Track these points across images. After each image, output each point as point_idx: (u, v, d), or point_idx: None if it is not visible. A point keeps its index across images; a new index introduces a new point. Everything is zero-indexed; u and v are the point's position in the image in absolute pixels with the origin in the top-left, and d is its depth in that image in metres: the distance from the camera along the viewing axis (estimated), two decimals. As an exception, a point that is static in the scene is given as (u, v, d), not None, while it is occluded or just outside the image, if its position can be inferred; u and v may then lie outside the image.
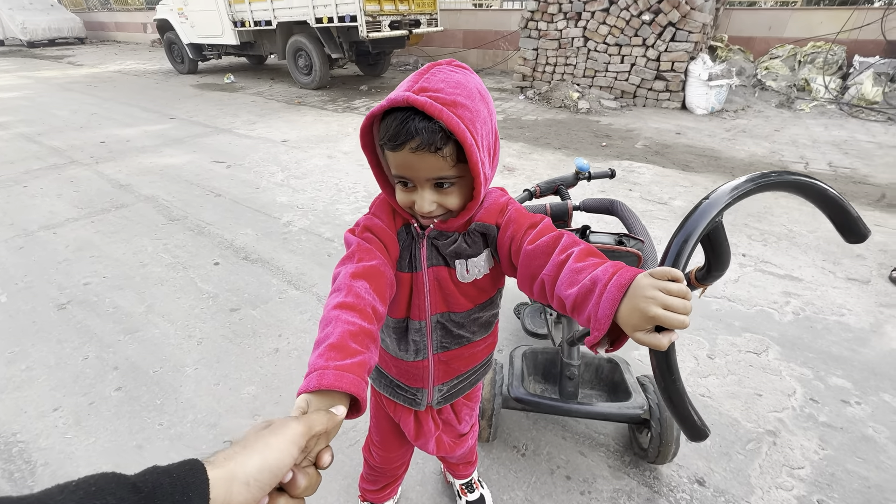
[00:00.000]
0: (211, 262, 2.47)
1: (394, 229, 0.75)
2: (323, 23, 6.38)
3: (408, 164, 0.65)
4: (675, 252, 0.54)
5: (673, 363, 0.52)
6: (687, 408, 0.53)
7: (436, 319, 0.81)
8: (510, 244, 0.72)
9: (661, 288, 0.47)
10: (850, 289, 2.19)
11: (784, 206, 3.04)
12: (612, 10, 5.43)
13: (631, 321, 0.48)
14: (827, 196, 0.57)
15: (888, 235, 2.66)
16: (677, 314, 0.46)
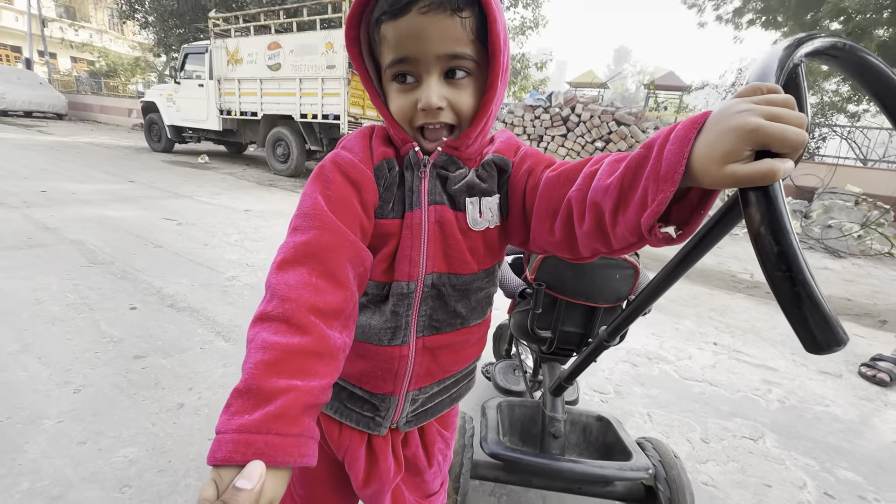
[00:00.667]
0: (126, 307, 2.07)
1: (370, 165, 0.57)
2: (307, 118, 6.80)
3: (414, 33, 0.50)
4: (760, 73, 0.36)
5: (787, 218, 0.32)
6: (815, 292, 0.31)
7: (431, 281, 0.59)
8: (527, 179, 0.57)
9: (760, 100, 0.33)
10: (825, 381, 2.11)
11: (742, 305, 3.10)
12: (569, 136, 6.17)
13: (719, 151, 0.33)
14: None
15: (843, 337, 2.71)
16: (789, 124, 0.31)
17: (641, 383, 1.90)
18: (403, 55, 0.51)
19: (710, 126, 0.34)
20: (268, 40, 6.93)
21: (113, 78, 20.81)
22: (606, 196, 0.43)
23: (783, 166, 0.31)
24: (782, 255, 0.31)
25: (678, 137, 0.36)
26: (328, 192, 0.51)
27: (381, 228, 0.57)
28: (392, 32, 0.51)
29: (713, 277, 3.80)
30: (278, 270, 0.45)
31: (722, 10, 13.35)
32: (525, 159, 0.59)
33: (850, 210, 5.72)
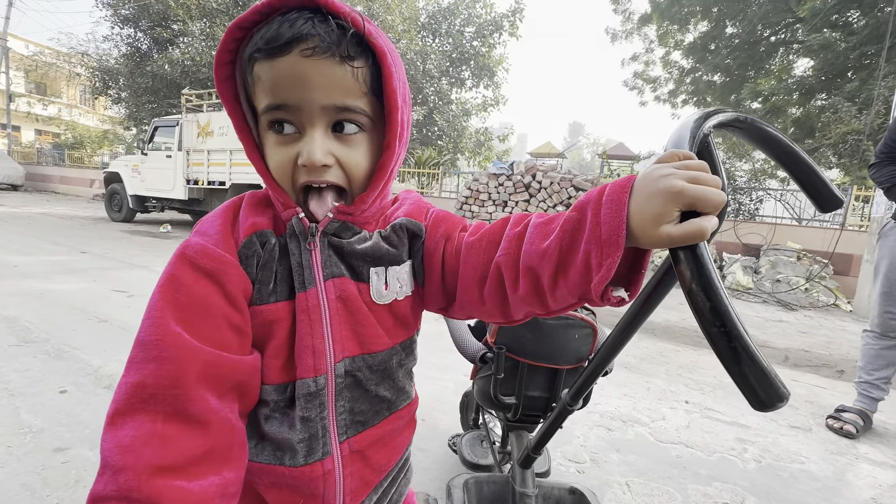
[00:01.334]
0: (56, 390, 1.86)
1: (231, 245, 0.47)
2: (276, 187, 6.87)
3: (295, 77, 0.43)
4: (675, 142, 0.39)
5: (714, 273, 0.33)
6: (751, 348, 0.32)
7: (343, 369, 0.50)
8: (445, 245, 0.52)
9: (679, 165, 0.35)
10: (797, 436, 2.10)
11: (709, 361, 3.14)
12: (532, 202, 6.48)
13: (651, 213, 0.34)
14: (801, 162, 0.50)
15: (807, 389, 2.75)
16: (709, 186, 0.33)
17: (617, 449, 1.83)
18: (282, 101, 0.44)
19: (639, 190, 0.36)
20: (240, 115, 7.16)
21: (78, 150, 20.66)
22: (544, 261, 0.42)
23: (709, 224, 0.33)
24: (715, 311, 0.32)
25: (612, 201, 0.37)
26: (176, 298, 0.42)
27: (262, 317, 0.48)
28: (268, 74, 0.44)
29: (678, 334, 3.87)
30: (110, 427, 0.37)
31: (659, 92, 15.09)
32: (439, 223, 0.55)
33: (794, 265, 6.12)
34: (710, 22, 12.43)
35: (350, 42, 0.43)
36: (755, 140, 0.47)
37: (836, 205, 0.48)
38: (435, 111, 14.98)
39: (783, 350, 3.63)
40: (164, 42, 12.73)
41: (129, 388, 0.39)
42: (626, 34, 14.32)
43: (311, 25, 0.41)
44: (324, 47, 0.42)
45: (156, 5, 12.08)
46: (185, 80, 11.75)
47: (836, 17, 9.70)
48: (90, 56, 15.00)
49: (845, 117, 7.14)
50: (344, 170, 0.47)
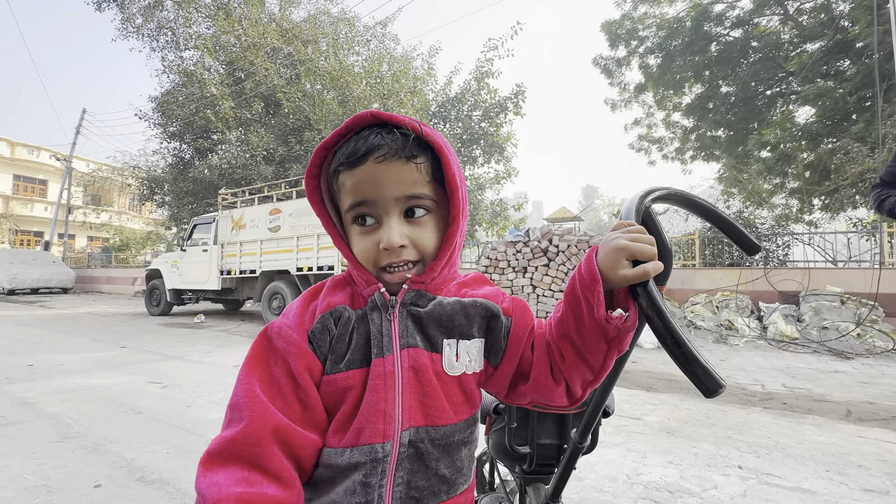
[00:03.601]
0: (91, 485, 1.89)
1: (302, 326, 0.55)
2: (303, 271, 7.18)
3: (371, 179, 0.53)
4: (624, 215, 0.55)
5: (660, 301, 0.46)
6: (689, 347, 0.43)
7: (409, 437, 0.53)
8: (531, 337, 0.59)
9: (622, 232, 0.50)
10: (873, 501, 1.87)
11: (760, 420, 2.90)
12: (551, 266, 6.51)
13: (609, 263, 0.49)
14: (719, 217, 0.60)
15: (878, 446, 2.48)
16: (643, 243, 0.48)
17: (667, 524, 1.67)
18: (362, 199, 0.54)
19: (601, 248, 0.51)
20: (269, 207, 7.75)
21: (124, 251, 22.31)
22: (566, 324, 0.53)
23: (650, 267, 0.47)
24: (665, 328, 0.45)
25: (587, 260, 0.51)
26: (256, 369, 0.52)
27: (335, 385, 0.53)
28: (350, 180, 0.54)
29: (724, 392, 3.62)
30: (205, 472, 0.45)
31: (665, 151, 15.54)
32: (524, 314, 0.60)
33: (838, 309, 5.77)
34: (703, 84, 13.11)
35: (412, 145, 0.53)
36: (686, 206, 0.61)
37: (756, 249, 0.62)
38: (450, 188, 15.72)
39: (844, 404, 3.32)
40: (204, 150, 14.25)
41: (223, 441, 0.47)
42: (624, 103, 15.18)
43: (380, 138, 0.52)
44: (392, 153, 0.52)
45: (199, 121, 13.74)
46: (222, 182, 12.92)
47: (825, 67, 10.12)
48: (140, 168, 16.85)
49: (858, 157, 7.15)
50: (417, 247, 0.56)
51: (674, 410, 3.10)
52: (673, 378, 4.10)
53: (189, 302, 9.32)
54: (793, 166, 11.31)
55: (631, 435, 2.60)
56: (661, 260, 0.73)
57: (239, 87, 13.82)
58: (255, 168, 12.65)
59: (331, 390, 0.54)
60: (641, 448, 2.39)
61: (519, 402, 0.61)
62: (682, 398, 3.45)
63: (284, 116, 13.31)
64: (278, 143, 13.16)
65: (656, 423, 2.83)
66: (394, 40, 17.31)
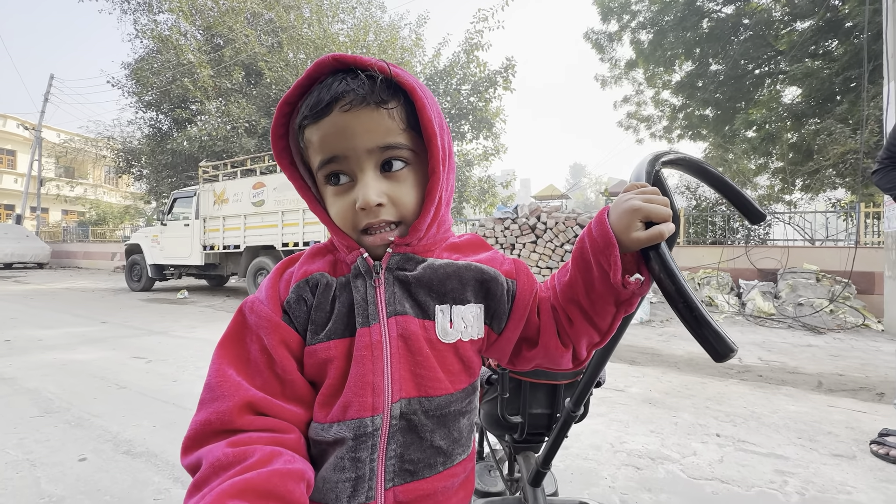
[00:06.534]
0: (75, 458, 1.87)
1: (278, 301, 0.52)
2: (289, 246, 7.08)
3: (339, 130, 0.47)
4: (635, 176, 0.53)
5: (673, 264, 0.45)
6: (701, 311, 0.42)
7: (399, 409, 0.50)
8: (536, 301, 0.56)
9: (637, 191, 0.48)
10: (840, 465, 1.97)
11: (737, 391, 3.01)
12: (539, 243, 6.54)
13: (622, 225, 0.47)
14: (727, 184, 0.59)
15: (846, 414, 2.61)
16: (658, 204, 0.47)
17: (648, 489, 1.74)
18: (332, 154, 0.49)
19: (613, 210, 0.49)
20: (253, 181, 7.54)
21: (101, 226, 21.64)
22: (575, 288, 0.51)
23: (665, 228, 0.46)
24: (678, 292, 0.43)
25: (597, 222, 0.48)
26: (230, 347, 0.51)
27: (316, 356, 0.50)
28: (316, 135, 0.48)
29: (702, 365, 3.74)
30: (185, 455, 0.45)
31: (654, 130, 15.55)
32: (528, 279, 0.57)
33: (814, 287, 5.97)
34: (693, 62, 13.03)
35: (380, 88, 0.47)
36: (694, 172, 0.60)
37: (761, 217, 0.61)
38: (438, 164, 15.55)
39: (815, 375, 3.47)
40: (182, 121, 13.70)
41: (198, 425, 0.46)
42: (614, 79, 15.02)
43: (345, 84, 0.46)
44: (358, 99, 0.46)
45: (176, 90, 13.14)
46: (203, 154, 12.50)
47: (813, 47, 10.13)
48: (115, 139, 16.16)
49: (840, 138, 7.26)
50: (396, 206, 0.50)
51: (655, 382, 3.19)
52: (654, 352, 4.21)
53: (171, 277, 9.14)
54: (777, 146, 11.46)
55: (615, 406, 2.67)
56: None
57: (218, 54, 13.21)
58: (237, 140, 12.25)
59: (313, 362, 0.51)
60: (625, 418, 2.47)
61: (523, 367, 0.59)
62: (663, 371, 3.55)
63: (266, 87, 12.83)
64: (260, 115, 12.72)
65: (639, 394, 2.91)
66: (380, 8, 16.68)
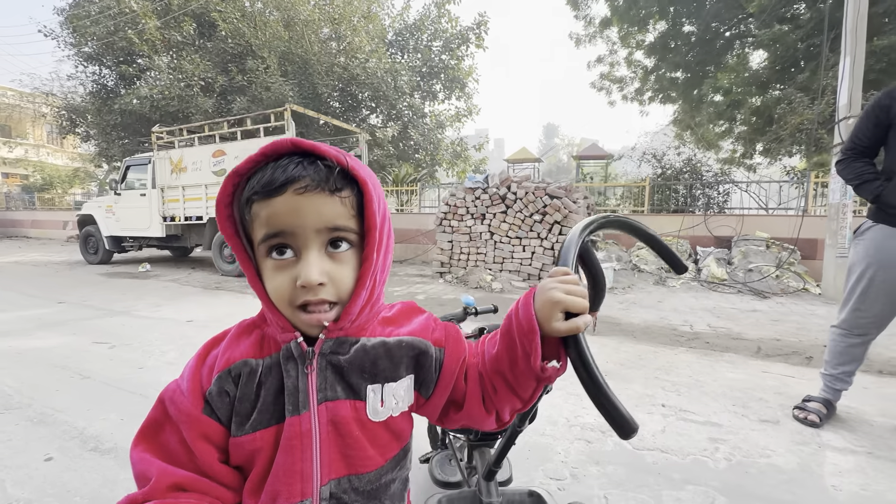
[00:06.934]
0: (41, 458, 1.87)
1: (200, 393, 0.53)
2: (254, 218, 6.86)
3: (290, 210, 0.48)
4: (562, 259, 0.57)
5: (588, 353, 0.52)
6: (610, 398, 0.49)
7: (329, 491, 0.52)
8: (464, 369, 0.60)
9: (558, 280, 0.52)
10: (766, 430, 2.21)
11: (685, 360, 3.26)
12: (509, 213, 6.61)
13: (544, 314, 0.51)
14: (654, 239, 0.66)
15: (777, 380, 2.89)
16: (576, 297, 0.51)
17: (597, 461, 1.91)
18: (279, 229, 0.49)
19: (538, 297, 0.52)
20: (213, 148, 7.16)
21: (48, 191, 20.20)
22: (501, 362, 0.55)
23: (581, 322, 0.50)
24: (591, 379, 0.50)
25: (524, 306, 0.52)
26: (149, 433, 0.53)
27: (243, 448, 0.52)
28: (265, 210, 0.49)
29: (656, 334, 4.00)
30: None
31: (626, 91, 15.53)
32: (457, 346, 0.60)
33: (763, 253, 6.36)
34: (667, 22, 12.88)
35: (337, 177, 0.49)
36: (622, 229, 0.66)
37: (684, 269, 0.70)
38: (409, 126, 15.13)
39: (756, 341, 3.78)
40: (130, 78, 12.64)
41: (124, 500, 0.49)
42: (589, 38, 14.72)
43: (301, 168, 0.48)
44: (314, 185, 0.48)
45: (120, 42, 12.00)
46: (156, 115, 11.67)
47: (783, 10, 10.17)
48: (55, 96, 14.78)
49: (798, 108, 7.50)
50: (335, 286, 0.51)
51: (613, 353, 3.41)
52: (615, 321, 4.45)
53: (131, 249, 8.77)
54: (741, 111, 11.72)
55: (571, 378, 2.85)
56: (596, 289, 0.78)
57: (164, 2, 12.03)
58: (193, 100, 11.46)
59: (239, 453, 0.52)
60: (581, 391, 2.64)
61: (449, 426, 0.65)
62: (621, 341, 3.78)
63: (222, 40, 11.89)
64: (217, 72, 11.88)
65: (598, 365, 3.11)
66: (344, -47, 15.41)
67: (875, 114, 2.04)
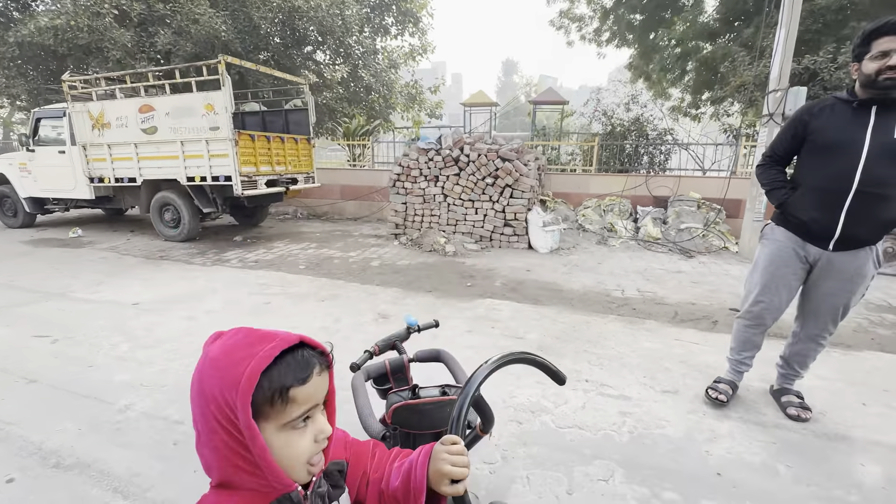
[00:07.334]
0: (2, 480, 1.94)
1: None
2: (195, 181, 6.48)
3: (316, 388, 0.65)
4: (453, 423, 0.72)
5: None
6: None
7: None
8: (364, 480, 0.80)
9: (447, 451, 0.69)
10: (666, 401, 2.63)
11: (612, 330, 3.66)
12: (462, 175, 6.64)
13: (434, 478, 0.69)
14: (525, 358, 0.84)
15: (685, 348, 3.35)
16: (459, 467, 0.68)
17: (524, 443, 2.24)
18: (312, 404, 0.65)
19: (431, 463, 0.69)
20: (138, 103, 6.49)
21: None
22: (397, 494, 0.73)
23: (461, 487, 0.68)
24: None
25: (420, 466, 0.70)
26: None
27: None
28: (302, 394, 0.63)
29: (592, 301, 4.40)
30: None
31: (584, 31, 15.18)
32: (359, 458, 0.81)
33: (694, 213, 6.90)
34: (627, -40, 12.40)
35: (325, 359, 0.68)
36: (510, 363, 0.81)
37: (563, 381, 0.90)
38: (360, 65, 14.16)
39: (674, 306, 4.27)
40: (24, 5, 10.73)
41: None
42: (549, -29, 13.95)
43: (313, 357, 0.65)
44: (322, 368, 0.66)
45: (2, -44, 9.99)
46: (63, 47, 10.15)
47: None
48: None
49: (740, 67, 7.76)
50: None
51: (551, 325, 3.75)
52: (556, 288, 4.82)
53: (56, 210, 8.07)
54: (691, 61, 11.90)
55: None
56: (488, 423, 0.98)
57: None
58: (107, 32, 10.02)
59: None
60: (518, 370, 2.96)
61: None
62: (559, 310, 4.14)
63: (133, -40, 10.19)
64: None
65: (535, 340, 3.45)
66: None
67: (794, 127, 2.26)
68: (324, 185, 8.87)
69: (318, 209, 9.63)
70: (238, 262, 5.85)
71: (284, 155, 7.22)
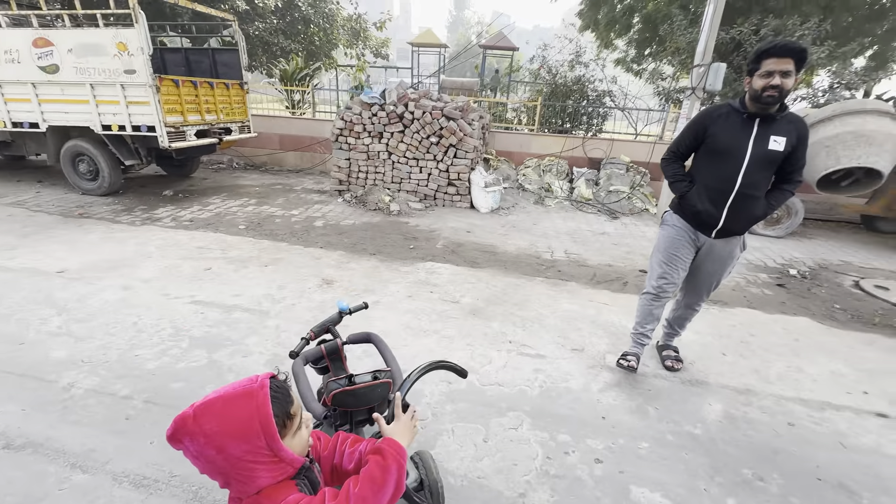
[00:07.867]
0: (-50, 463, 2.01)
1: None
2: (112, 130, 5.92)
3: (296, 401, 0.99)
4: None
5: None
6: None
7: None
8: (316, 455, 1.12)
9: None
10: (573, 358, 3.13)
11: (538, 292, 4.11)
12: (406, 133, 6.60)
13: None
14: (440, 364, 1.12)
15: (596, 308, 3.87)
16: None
17: (452, 400, 2.62)
18: (300, 411, 0.99)
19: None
20: (31, 35, 5.64)
21: None
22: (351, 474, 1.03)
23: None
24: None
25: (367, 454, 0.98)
26: None
27: None
28: (295, 408, 0.99)
29: (523, 263, 4.81)
30: None
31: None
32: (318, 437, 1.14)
33: (623, 176, 7.44)
34: None
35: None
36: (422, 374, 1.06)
37: (465, 375, 1.28)
38: (296, -6, 12.85)
39: (594, 268, 4.80)
40: None
41: None
42: None
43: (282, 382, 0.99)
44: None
45: None
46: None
47: None
48: None
49: (677, 31, 8.05)
50: None
51: (485, 289, 4.12)
52: (493, 249, 5.18)
53: (-59, 155, 7.05)
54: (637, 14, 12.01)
55: (447, 321, 3.51)
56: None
57: None
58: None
59: None
60: (452, 333, 3.32)
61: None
62: (494, 273, 4.51)
63: None
64: None
65: (469, 305, 3.81)
66: None
67: (695, 129, 2.59)
68: (261, 133, 8.38)
69: (256, 159, 9.14)
70: (171, 221, 5.60)
71: (215, 103, 6.70)
